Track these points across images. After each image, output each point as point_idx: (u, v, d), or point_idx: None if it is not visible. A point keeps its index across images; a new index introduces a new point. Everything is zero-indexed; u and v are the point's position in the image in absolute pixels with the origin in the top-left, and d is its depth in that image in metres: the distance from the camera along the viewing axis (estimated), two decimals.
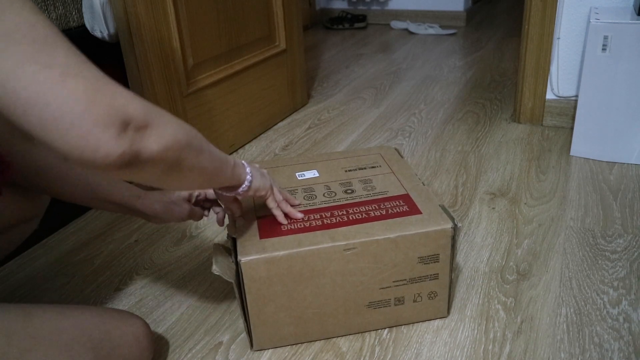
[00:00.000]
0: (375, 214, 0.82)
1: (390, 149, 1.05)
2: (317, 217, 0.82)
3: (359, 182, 0.92)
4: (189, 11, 1.27)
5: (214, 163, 0.65)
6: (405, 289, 0.81)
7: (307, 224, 0.80)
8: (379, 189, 0.89)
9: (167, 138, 0.52)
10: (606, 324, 0.84)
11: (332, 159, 1.01)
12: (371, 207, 0.84)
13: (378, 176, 0.94)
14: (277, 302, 0.77)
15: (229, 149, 1.51)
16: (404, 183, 0.91)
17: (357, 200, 0.86)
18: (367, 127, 1.66)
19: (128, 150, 0.47)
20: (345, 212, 0.83)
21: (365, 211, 0.83)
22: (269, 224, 0.81)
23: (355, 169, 0.96)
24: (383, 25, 3.21)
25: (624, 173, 1.29)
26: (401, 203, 0.85)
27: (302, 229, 0.79)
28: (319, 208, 0.84)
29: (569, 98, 1.54)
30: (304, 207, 0.85)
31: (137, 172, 0.50)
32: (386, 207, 0.84)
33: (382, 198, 0.86)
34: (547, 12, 1.46)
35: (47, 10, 1.10)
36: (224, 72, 1.44)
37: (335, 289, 0.78)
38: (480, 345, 0.81)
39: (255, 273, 0.74)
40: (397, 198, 0.86)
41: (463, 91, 1.95)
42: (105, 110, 0.45)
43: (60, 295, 0.98)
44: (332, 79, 2.19)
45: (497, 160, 1.39)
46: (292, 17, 1.71)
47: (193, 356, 0.82)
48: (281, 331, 0.80)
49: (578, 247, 1.03)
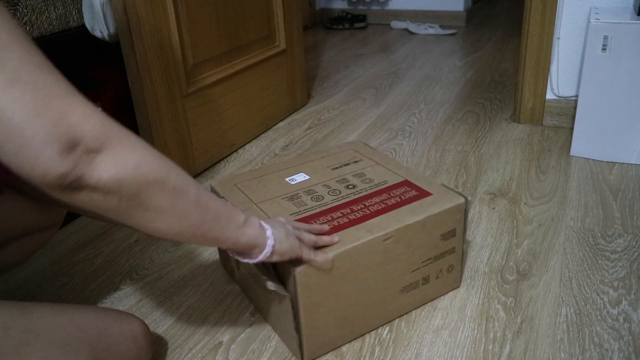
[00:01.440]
0: (392, 202, 0.84)
1: (359, 143, 1.07)
2: (339, 215, 0.82)
3: (354, 177, 0.93)
4: (189, 11, 1.27)
5: (205, 214, 0.56)
6: (430, 267, 0.85)
7: (334, 223, 0.80)
8: (377, 180, 0.91)
9: (125, 167, 0.46)
10: (606, 324, 0.84)
11: (312, 160, 1.01)
12: (383, 196, 0.86)
13: (367, 169, 0.96)
14: (326, 306, 0.76)
15: (229, 149, 1.51)
16: (395, 171, 0.94)
17: (364, 193, 0.87)
18: (367, 127, 1.66)
19: (70, 172, 0.43)
20: (363, 206, 0.84)
21: (381, 201, 0.85)
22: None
23: (340, 166, 0.97)
24: (383, 25, 3.21)
25: (624, 173, 1.29)
26: (408, 189, 0.88)
27: (334, 228, 0.79)
28: (334, 207, 0.84)
29: (569, 98, 1.54)
30: (318, 208, 0.84)
31: (84, 198, 0.46)
32: (398, 195, 0.86)
33: (386, 187, 0.89)
34: (547, 12, 1.46)
35: (47, 10, 1.10)
36: (224, 72, 1.44)
37: (376, 280, 0.80)
38: (480, 345, 0.81)
39: (308, 280, 0.72)
40: (401, 185, 0.89)
41: (463, 91, 1.95)
42: (50, 124, 0.41)
43: (60, 295, 0.98)
44: (332, 79, 2.19)
45: (497, 160, 1.39)
46: (292, 17, 1.71)
47: (193, 356, 0.82)
48: (329, 335, 0.79)
49: (578, 247, 1.03)
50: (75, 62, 1.18)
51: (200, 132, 1.38)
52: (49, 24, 1.11)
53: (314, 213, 0.83)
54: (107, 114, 0.48)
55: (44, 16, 1.10)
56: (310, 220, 0.80)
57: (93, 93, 1.23)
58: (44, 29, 1.10)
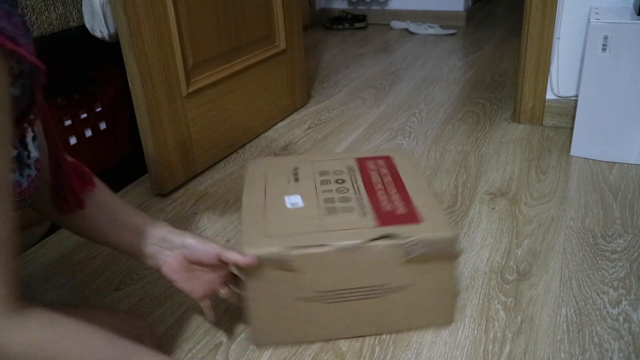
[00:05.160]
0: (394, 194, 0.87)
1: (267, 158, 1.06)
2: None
3: (336, 183, 0.92)
4: (189, 11, 1.27)
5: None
6: None
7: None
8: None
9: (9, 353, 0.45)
10: (606, 324, 0.84)
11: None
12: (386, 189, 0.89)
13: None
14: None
15: (229, 149, 1.51)
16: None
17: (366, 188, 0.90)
18: (367, 127, 1.66)
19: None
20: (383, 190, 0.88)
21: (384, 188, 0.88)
22: None
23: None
24: (383, 25, 3.21)
25: (624, 173, 1.29)
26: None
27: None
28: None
29: (569, 98, 1.54)
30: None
31: None
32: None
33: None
34: (547, 12, 1.46)
35: (47, 10, 1.10)
36: (224, 72, 1.44)
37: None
38: (480, 345, 0.81)
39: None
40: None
41: (463, 91, 1.95)
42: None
43: (60, 295, 0.98)
44: (332, 79, 2.19)
45: (497, 160, 1.39)
46: (292, 17, 1.71)
47: (193, 356, 0.82)
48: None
49: (578, 247, 1.03)
50: (75, 62, 1.18)
51: (200, 132, 1.38)
52: (49, 24, 1.11)
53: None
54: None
55: (44, 16, 1.10)
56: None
57: (93, 93, 1.23)
58: (44, 29, 1.10)
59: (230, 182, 1.36)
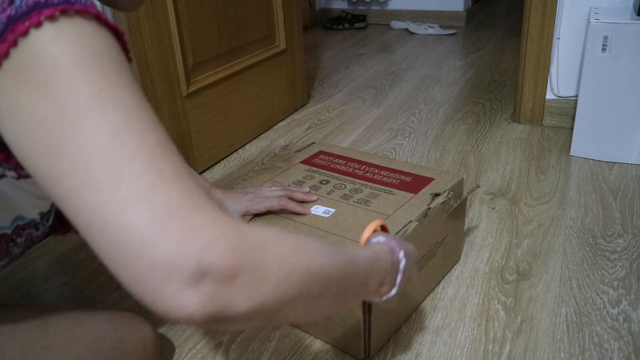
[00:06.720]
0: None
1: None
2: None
3: (324, 184, 0.92)
4: (189, 11, 1.28)
5: (350, 289, 0.49)
6: None
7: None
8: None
9: (263, 293, 0.38)
10: (606, 323, 0.84)
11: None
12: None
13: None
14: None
15: (229, 149, 1.51)
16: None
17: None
18: (367, 127, 1.66)
19: (199, 310, 0.35)
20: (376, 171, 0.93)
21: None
22: None
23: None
24: (383, 25, 3.21)
25: (624, 173, 1.29)
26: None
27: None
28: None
29: (568, 98, 1.54)
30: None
31: (223, 326, 0.38)
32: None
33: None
34: (547, 12, 1.46)
35: None
36: (224, 72, 1.44)
37: None
38: (480, 345, 0.81)
39: None
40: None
41: (463, 91, 1.95)
42: (168, 254, 0.34)
43: (60, 295, 0.98)
44: (332, 79, 2.19)
45: (497, 160, 1.39)
46: (292, 17, 1.71)
47: (193, 356, 0.82)
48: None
49: (578, 247, 1.03)
50: None
51: (200, 132, 1.38)
52: None
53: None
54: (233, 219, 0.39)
55: None
56: None
57: None
58: None
59: (231, 182, 1.36)
